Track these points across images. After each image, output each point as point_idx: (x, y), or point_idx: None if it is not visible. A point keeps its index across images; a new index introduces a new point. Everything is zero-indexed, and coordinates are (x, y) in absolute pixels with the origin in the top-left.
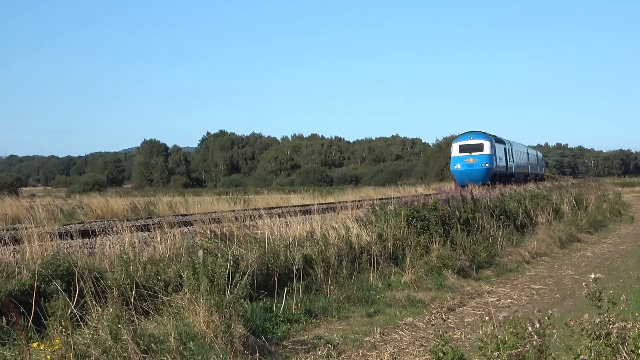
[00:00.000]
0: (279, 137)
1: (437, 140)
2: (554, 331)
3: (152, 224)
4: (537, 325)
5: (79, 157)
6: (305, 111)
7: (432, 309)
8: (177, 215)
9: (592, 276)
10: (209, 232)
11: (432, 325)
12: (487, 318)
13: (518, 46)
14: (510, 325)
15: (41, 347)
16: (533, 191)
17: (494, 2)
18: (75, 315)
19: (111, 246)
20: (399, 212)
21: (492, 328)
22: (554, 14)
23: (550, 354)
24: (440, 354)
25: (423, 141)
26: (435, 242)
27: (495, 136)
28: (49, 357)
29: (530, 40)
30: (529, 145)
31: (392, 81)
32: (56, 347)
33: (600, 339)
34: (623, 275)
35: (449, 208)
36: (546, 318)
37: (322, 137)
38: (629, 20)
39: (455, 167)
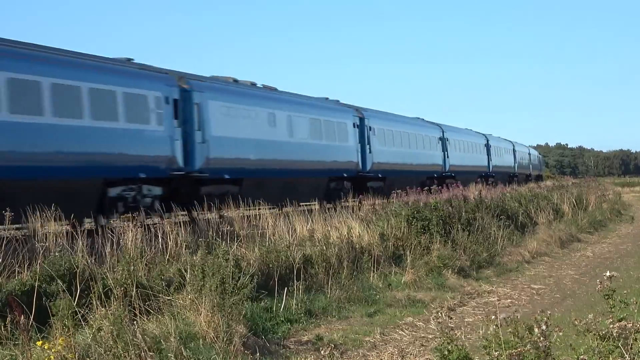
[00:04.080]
0: None
1: None
2: (561, 333)
3: (154, 224)
4: (544, 327)
5: None
6: None
7: (432, 308)
8: (178, 215)
9: (607, 274)
10: (210, 232)
11: (439, 323)
12: (492, 317)
13: (518, 46)
14: (511, 326)
15: (46, 346)
16: (533, 191)
17: (489, 2)
18: (77, 315)
19: (112, 246)
20: (399, 211)
21: (495, 327)
22: (553, 13)
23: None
24: (446, 352)
25: None
26: (436, 242)
27: None
28: (52, 357)
29: (530, 40)
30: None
31: (392, 81)
32: (60, 347)
33: (605, 340)
34: (623, 275)
35: (450, 208)
36: (546, 319)
37: None
38: (629, 20)
39: None
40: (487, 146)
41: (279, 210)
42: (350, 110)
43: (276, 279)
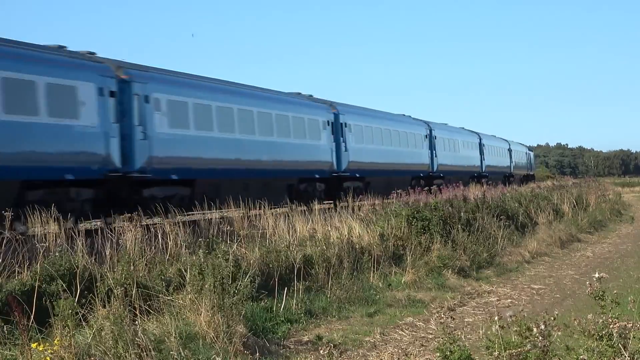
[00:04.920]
0: None
1: None
2: (559, 332)
3: (154, 224)
4: (543, 326)
5: None
6: None
7: (432, 308)
8: (179, 215)
9: (596, 275)
10: (210, 232)
11: (441, 323)
12: (496, 318)
13: (518, 45)
14: (515, 325)
15: (40, 348)
16: (534, 191)
17: (491, 1)
18: (77, 314)
19: (112, 246)
20: (399, 211)
21: (499, 327)
22: (553, 12)
23: (554, 355)
24: (448, 353)
25: None
26: (436, 242)
27: None
28: (48, 357)
29: (530, 40)
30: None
31: (389, 81)
32: (56, 347)
33: (603, 340)
34: (623, 275)
35: (450, 208)
36: (551, 319)
37: None
38: (629, 20)
39: None
40: (430, 138)
41: None
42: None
43: (276, 279)
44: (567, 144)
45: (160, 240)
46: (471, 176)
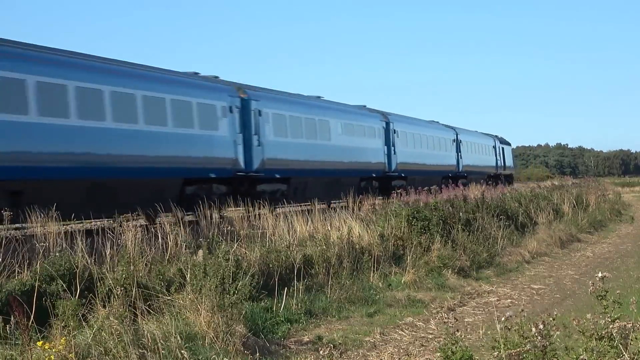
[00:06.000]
0: None
1: None
2: (558, 332)
3: (154, 224)
4: (542, 326)
5: None
6: None
7: (432, 308)
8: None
9: (599, 275)
10: (211, 232)
11: (444, 323)
12: (503, 318)
13: (518, 45)
14: (516, 325)
15: (46, 347)
16: (533, 191)
17: (492, 0)
18: (77, 315)
19: (112, 246)
20: (399, 211)
21: (504, 328)
22: (554, 12)
23: (553, 355)
24: (450, 353)
25: None
26: (436, 242)
27: None
28: (52, 357)
29: (529, 40)
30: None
31: (389, 81)
32: (61, 347)
33: (601, 340)
34: (623, 275)
35: (450, 208)
36: (551, 319)
37: None
38: (629, 20)
39: None
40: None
41: None
42: None
43: (276, 279)
44: (567, 144)
45: (160, 240)
46: (368, 177)
